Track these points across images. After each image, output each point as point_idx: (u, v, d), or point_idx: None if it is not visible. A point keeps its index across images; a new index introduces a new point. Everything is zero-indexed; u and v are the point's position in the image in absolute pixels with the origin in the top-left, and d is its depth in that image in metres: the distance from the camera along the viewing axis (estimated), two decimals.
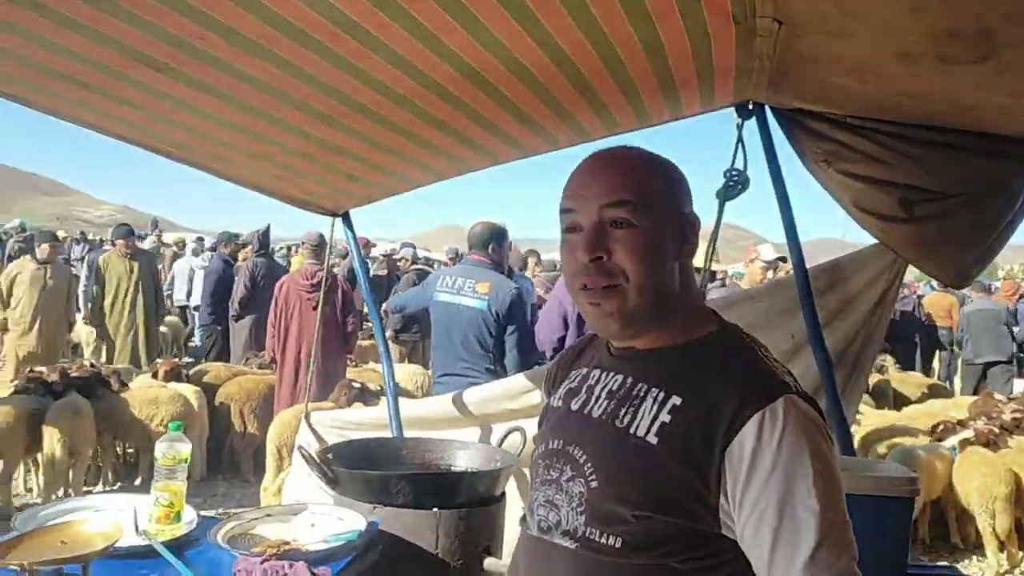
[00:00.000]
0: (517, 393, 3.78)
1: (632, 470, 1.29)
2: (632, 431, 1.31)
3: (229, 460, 7.41)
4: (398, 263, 12.76)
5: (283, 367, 7.14)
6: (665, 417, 1.29)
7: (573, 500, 1.33)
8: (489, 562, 2.73)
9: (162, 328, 10.71)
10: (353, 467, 2.94)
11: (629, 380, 1.37)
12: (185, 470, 2.50)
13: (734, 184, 3.62)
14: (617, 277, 1.33)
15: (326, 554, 2.36)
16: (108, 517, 2.37)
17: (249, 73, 2.08)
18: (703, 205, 3.63)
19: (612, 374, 1.41)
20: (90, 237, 22.86)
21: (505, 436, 3.30)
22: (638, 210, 1.34)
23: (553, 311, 4.35)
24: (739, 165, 3.56)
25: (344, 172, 3.21)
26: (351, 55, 2.02)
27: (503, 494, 2.99)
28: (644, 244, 1.34)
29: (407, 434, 3.83)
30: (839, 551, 1.19)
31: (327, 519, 2.65)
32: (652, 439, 1.29)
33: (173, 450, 2.46)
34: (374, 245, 13.23)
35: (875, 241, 3.52)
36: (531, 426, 2.47)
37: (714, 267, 6.11)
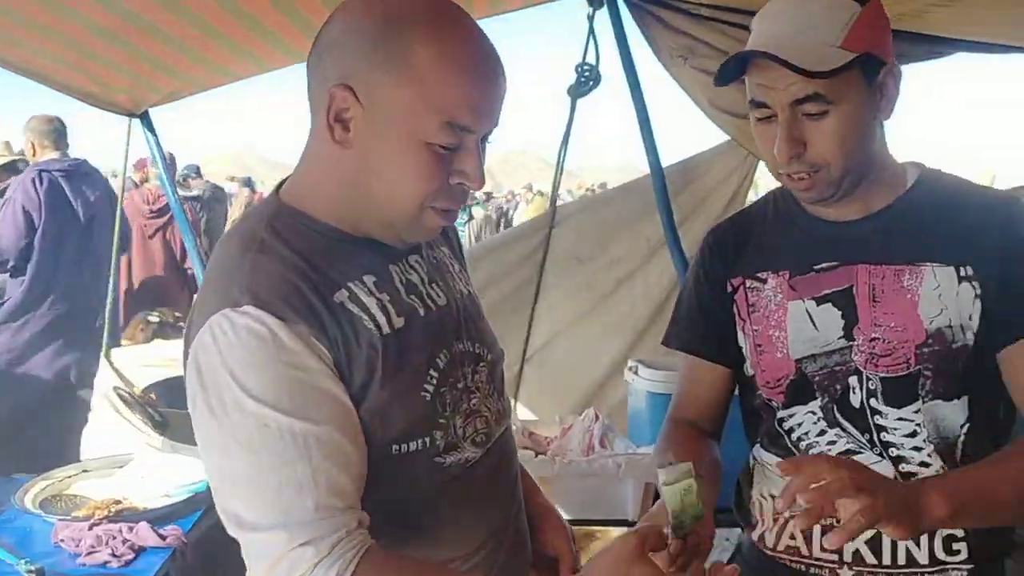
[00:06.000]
0: None
1: (485, 323, 1.28)
2: (466, 293, 1.27)
3: None
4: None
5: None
6: (455, 264, 1.29)
7: (485, 387, 1.20)
8: None
9: None
10: (185, 407, 2.51)
11: (424, 253, 1.22)
12: None
13: (586, 80, 3.43)
14: None
15: (170, 511, 1.98)
16: None
17: None
18: (558, 102, 3.42)
19: (406, 260, 1.17)
20: None
21: None
22: None
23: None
24: (591, 60, 3.38)
25: (153, 59, 2.69)
26: None
27: None
28: None
29: None
30: None
31: (160, 470, 2.23)
32: (468, 288, 1.29)
33: None
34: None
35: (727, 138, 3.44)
36: None
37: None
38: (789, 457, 1.31)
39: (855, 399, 1.28)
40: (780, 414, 1.34)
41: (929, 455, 1.26)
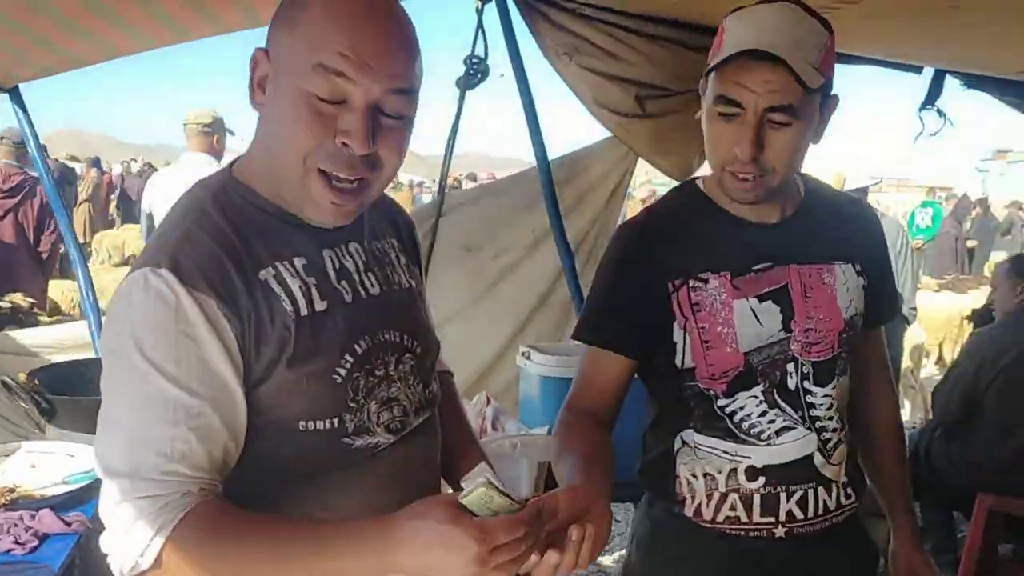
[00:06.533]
0: None
1: (420, 316, 1.33)
2: (405, 286, 1.30)
3: None
4: None
5: None
6: (401, 258, 1.32)
7: (408, 378, 1.23)
8: None
9: None
10: (72, 394, 2.44)
11: (365, 244, 1.25)
12: None
13: (474, 73, 3.50)
14: None
15: (70, 497, 1.94)
16: None
17: None
18: (446, 94, 3.47)
19: (344, 246, 1.21)
20: None
21: None
22: None
23: None
24: (480, 53, 3.44)
25: (28, 31, 2.57)
26: None
27: None
28: None
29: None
30: None
31: (52, 458, 2.17)
32: (411, 282, 1.32)
33: None
34: None
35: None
36: None
37: None
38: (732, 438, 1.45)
39: (791, 383, 1.45)
40: (721, 402, 1.44)
41: (837, 422, 1.49)
